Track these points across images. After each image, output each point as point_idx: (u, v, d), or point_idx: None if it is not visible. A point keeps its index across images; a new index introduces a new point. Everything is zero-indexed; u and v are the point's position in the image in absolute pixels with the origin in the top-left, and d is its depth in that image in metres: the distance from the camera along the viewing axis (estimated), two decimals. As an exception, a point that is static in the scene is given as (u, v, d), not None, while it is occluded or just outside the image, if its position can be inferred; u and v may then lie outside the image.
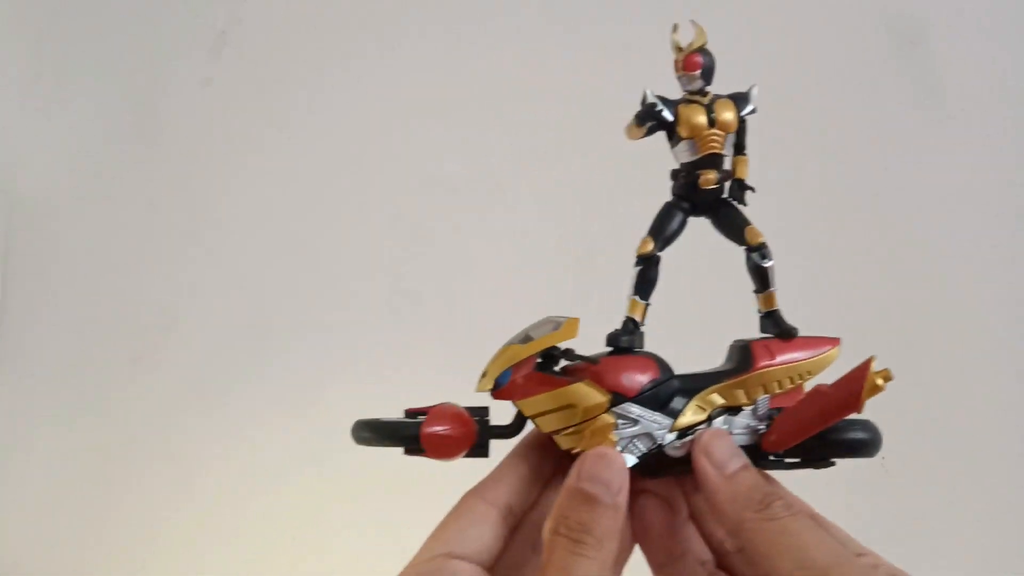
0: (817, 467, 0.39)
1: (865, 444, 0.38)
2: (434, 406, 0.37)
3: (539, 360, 0.37)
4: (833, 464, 0.39)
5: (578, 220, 0.91)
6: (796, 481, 0.38)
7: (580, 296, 0.86)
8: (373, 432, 0.37)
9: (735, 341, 0.40)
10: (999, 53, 0.84)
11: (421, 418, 0.37)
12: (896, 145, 0.85)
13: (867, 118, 0.86)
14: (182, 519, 0.96)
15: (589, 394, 0.36)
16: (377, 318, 0.96)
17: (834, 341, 0.39)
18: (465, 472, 0.39)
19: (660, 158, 0.40)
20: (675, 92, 0.39)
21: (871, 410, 0.36)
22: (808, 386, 0.39)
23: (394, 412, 0.38)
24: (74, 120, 1.09)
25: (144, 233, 1.04)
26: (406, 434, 0.36)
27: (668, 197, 0.40)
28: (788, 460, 0.39)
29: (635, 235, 0.39)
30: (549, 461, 0.39)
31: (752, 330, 0.41)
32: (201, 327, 1.01)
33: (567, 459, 0.39)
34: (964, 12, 0.85)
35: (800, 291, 0.41)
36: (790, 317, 0.40)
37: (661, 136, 0.39)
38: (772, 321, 0.40)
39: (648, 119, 0.37)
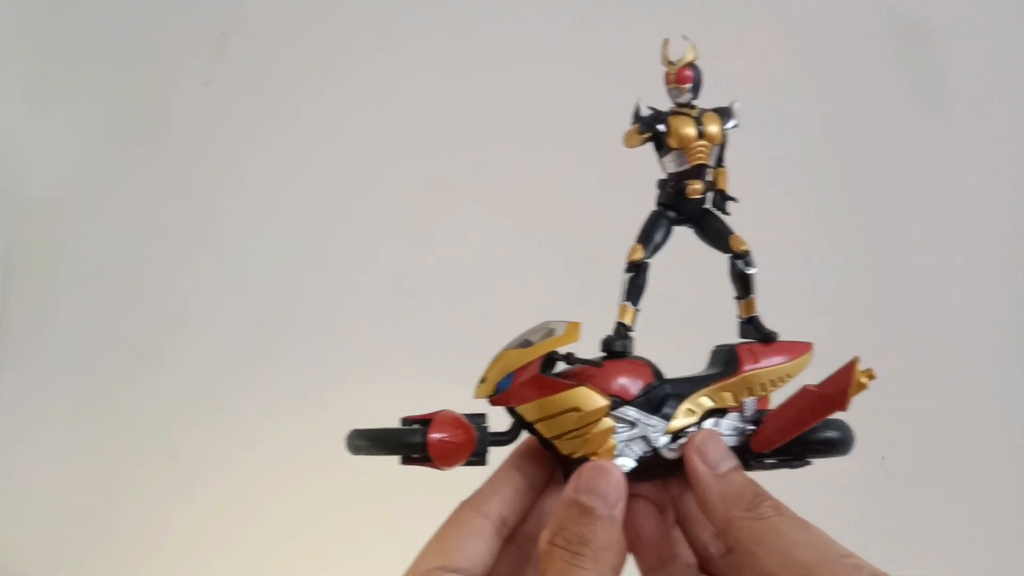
0: (793, 467, 0.41)
1: (839, 443, 0.40)
2: (436, 413, 0.36)
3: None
4: (809, 464, 0.41)
5: (582, 221, 0.91)
6: (796, 481, 0.39)
7: (583, 296, 0.85)
8: (372, 441, 0.36)
9: (717, 345, 0.41)
10: (1005, 55, 0.84)
11: (417, 426, 0.36)
12: (900, 147, 0.85)
13: (871, 120, 0.85)
14: (185, 520, 0.94)
15: (592, 398, 0.36)
16: (381, 319, 0.95)
17: (808, 345, 0.41)
18: (469, 477, 0.38)
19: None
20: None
21: (869, 410, 0.37)
22: (779, 392, 0.41)
23: (401, 413, 0.37)
24: (78, 121, 1.08)
25: (148, 233, 1.03)
26: (411, 442, 0.35)
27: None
28: (768, 460, 0.40)
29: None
30: (542, 471, 0.39)
31: (713, 335, 0.42)
32: (205, 328, 0.99)
33: (559, 469, 0.39)
34: (969, 14, 0.85)
35: (805, 292, 0.42)
36: (798, 319, 0.41)
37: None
38: (753, 326, 0.41)
39: (650, 127, 0.38)
